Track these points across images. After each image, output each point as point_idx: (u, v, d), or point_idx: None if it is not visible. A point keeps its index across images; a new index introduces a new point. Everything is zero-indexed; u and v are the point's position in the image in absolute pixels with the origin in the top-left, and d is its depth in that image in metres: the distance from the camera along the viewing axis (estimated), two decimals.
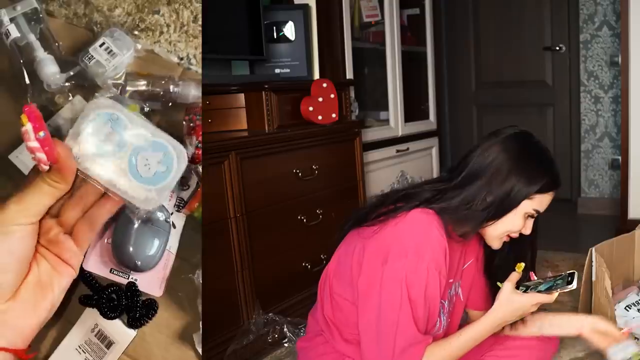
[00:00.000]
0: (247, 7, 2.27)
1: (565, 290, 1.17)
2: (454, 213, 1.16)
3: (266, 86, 2.03)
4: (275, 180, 2.00)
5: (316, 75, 2.50)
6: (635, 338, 1.72)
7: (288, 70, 2.46)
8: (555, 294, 1.18)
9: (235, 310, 1.85)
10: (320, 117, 2.18)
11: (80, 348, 1.10)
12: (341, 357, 1.27)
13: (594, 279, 1.79)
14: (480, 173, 1.17)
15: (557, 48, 3.81)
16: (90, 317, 1.10)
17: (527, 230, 1.21)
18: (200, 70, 1.21)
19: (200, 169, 1.13)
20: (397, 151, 3.01)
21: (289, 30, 2.44)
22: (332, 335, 1.28)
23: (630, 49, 2.83)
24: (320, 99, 2.17)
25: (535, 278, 1.26)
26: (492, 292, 1.35)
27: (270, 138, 1.99)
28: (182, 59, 1.22)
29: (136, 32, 1.20)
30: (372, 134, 2.80)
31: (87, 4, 1.20)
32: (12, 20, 1.10)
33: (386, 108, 3.01)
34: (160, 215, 1.09)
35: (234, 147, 1.82)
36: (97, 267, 1.09)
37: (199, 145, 1.12)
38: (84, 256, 1.00)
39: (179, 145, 1.02)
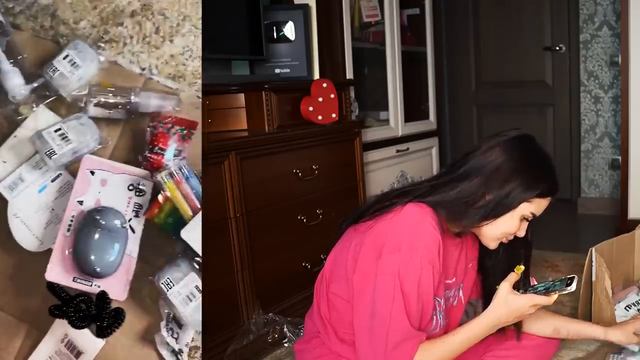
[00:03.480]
0: (247, 7, 2.27)
1: (564, 292, 1.16)
2: (449, 207, 1.16)
3: (266, 86, 2.03)
4: (275, 180, 2.00)
5: (316, 75, 2.50)
6: None
7: (288, 70, 2.46)
8: (554, 296, 1.16)
9: (235, 310, 1.85)
10: (320, 117, 2.17)
11: (50, 359, 1.14)
12: (337, 358, 1.26)
13: (594, 279, 1.79)
14: (479, 170, 1.17)
15: (557, 48, 3.81)
16: (60, 327, 1.15)
17: (521, 233, 1.21)
18: (161, 80, 1.28)
19: (160, 177, 1.20)
20: (397, 151, 3.01)
21: (289, 30, 2.44)
22: (328, 336, 1.28)
23: (630, 49, 2.83)
24: (320, 99, 2.17)
25: (537, 283, 1.25)
26: (486, 294, 1.35)
27: (270, 138, 1.99)
28: (144, 69, 1.27)
29: (100, 44, 1.25)
30: (372, 134, 2.80)
31: (54, 17, 1.24)
32: None
33: (386, 108, 3.01)
34: (117, 222, 1.18)
35: (234, 147, 1.82)
36: (60, 277, 1.15)
37: (158, 151, 1.22)
38: (47, 267, 1.08)
39: None
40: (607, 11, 3.54)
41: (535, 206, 1.18)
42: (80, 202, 1.20)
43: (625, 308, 1.79)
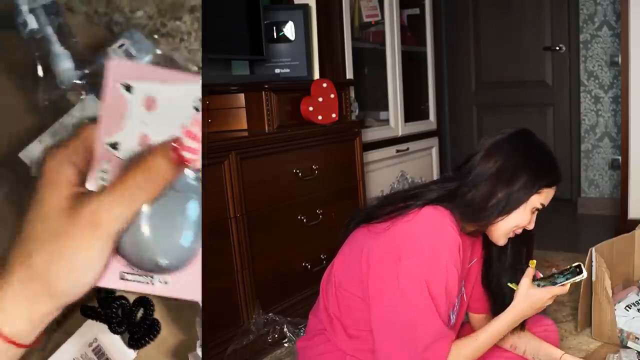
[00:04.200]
0: (247, 7, 2.27)
1: (577, 280, 1.24)
2: (466, 210, 1.19)
3: (266, 86, 2.03)
4: (275, 180, 2.00)
5: (316, 75, 2.50)
6: (636, 338, 1.72)
7: (288, 70, 2.46)
8: (567, 286, 1.24)
9: (235, 310, 1.85)
10: (320, 117, 2.18)
11: None
12: (342, 355, 1.26)
13: (594, 279, 1.79)
14: (487, 172, 1.20)
15: (557, 48, 3.81)
16: (91, 330, 1.04)
17: (532, 225, 1.25)
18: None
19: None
20: (397, 151, 3.01)
21: (289, 30, 2.44)
22: (334, 333, 1.28)
23: (630, 49, 2.83)
24: (320, 99, 2.17)
25: (541, 275, 1.29)
26: (492, 292, 1.36)
27: (270, 138, 1.99)
28: (200, 68, 1.19)
29: (156, 37, 1.17)
30: (372, 134, 2.80)
31: (109, 2, 1.17)
32: (31, 11, 1.07)
33: (386, 108, 3.01)
34: (188, 174, 0.70)
35: (234, 147, 1.82)
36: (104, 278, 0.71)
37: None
38: None
39: None
40: (607, 11, 3.54)
41: (544, 197, 1.22)
42: (114, 146, 0.69)
43: (625, 308, 1.79)
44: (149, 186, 0.66)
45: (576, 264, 1.28)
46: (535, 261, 1.27)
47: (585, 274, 1.23)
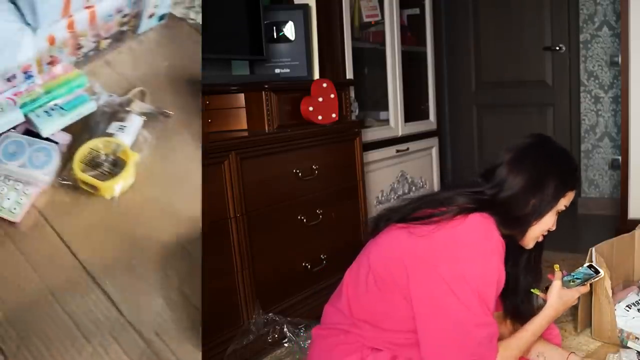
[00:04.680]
0: (247, 7, 2.27)
1: (596, 280, 1.45)
2: (505, 218, 1.26)
3: (266, 86, 2.03)
4: (275, 180, 2.00)
5: (316, 75, 2.50)
6: (636, 338, 1.72)
7: (288, 70, 2.46)
8: (588, 285, 1.43)
9: (235, 310, 1.85)
10: (320, 117, 2.17)
11: None
12: (361, 346, 1.28)
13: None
14: (520, 181, 1.28)
15: (557, 48, 3.81)
16: None
17: (554, 226, 1.36)
18: None
19: None
20: (397, 151, 3.01)
21: (289, 30, 2.44)
22: (358, 325, 1.30)
23: (630, 49, 2.83)
24: (320, 99, 2.17)
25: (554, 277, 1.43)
26: (509, 293, 1.41)
27: (270, 138, 1.99)
28: None
29: None
30: (372, 134, 2.80)
31: None
32: None
33: (386, 108, 3.01)
34: None
35: (234, 147, 1.82)
36: None
37: None
38: None
39: (54, 145, 1.42)
40: (607, 11, 3.54)
41: (568, 198, 1.33)
42: None
43: (625, 308, 1.79)
44: None
45: (587, 264, 1.46)
46: (558, 265, 1.42)
47: (602, 272, 1.43)
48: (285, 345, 1.89)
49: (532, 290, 1.43)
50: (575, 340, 1.83)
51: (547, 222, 1.32)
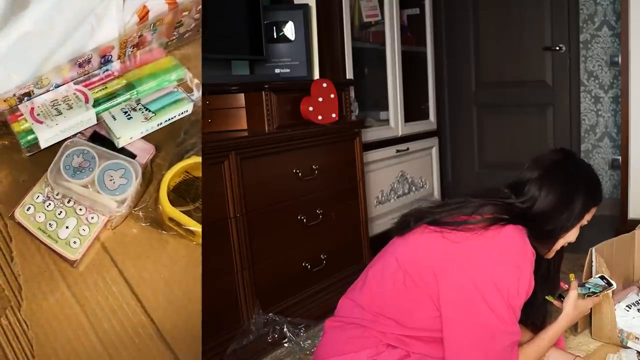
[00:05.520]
0: (247, 7, 2.27)
1: (609, 291, 1.54)
2: (537, 233, 1.32)
3: (266, 86, 2.03)
4: (275, 180, 2.00)
5: (316, 75, 2.50)
6: (636, 338, 1.72)
7: (288, 70, 2.46)
8: (601, 296, 1.52)
9: (235, 310, 1.85)
10: (320, 117, 2.17)
11: None
12: (378, 341, 1.29)
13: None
14: (553, 199, 1.33)
15: (557, 48, 3.81)
16: None
17: (575, 239, 1.42)
18: None
19: None
20: (397, 151, 3.01)
21: (289, 30, 2.44)
22: (371, 319, 1.30)
23: (630, 49, 2.83)
24: (320, 99, 2.17)
25: (566, 286, 1.49)
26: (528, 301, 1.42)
27: (270, 138, 1.99)
28: None
29: None
30: (372, 134, 2.80)
31: None
32: None
33: (386, 108, 3.01)
34: None
35: (234, 147, 1.82)
36: None
37: None
38: None
39: (135, 163, 1.02)
40: (607, 11, 3.54)
41: (591, 213, 1.40)
42: None
43: (625, 308, 1.79)
44: None
45: (599, 275, 1.56)
46: (574, 275, 1.50)
47: (615, 285, 1.51)
48: (285, 345, 1.89)
49: (546, 297, 1.49)
50: (575, 340, 1.83)
51: (571, 236, 1.39)
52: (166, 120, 1.13)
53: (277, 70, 2.46)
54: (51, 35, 1.00)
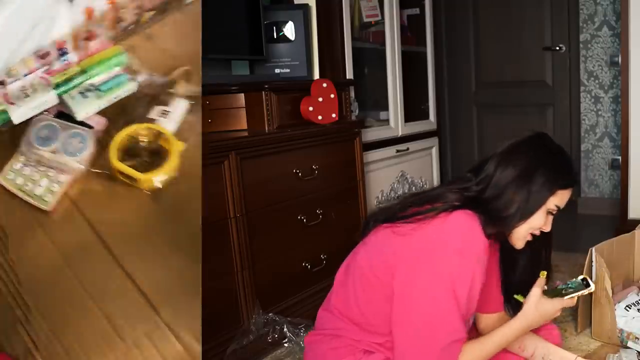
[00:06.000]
0: (247, 7, 2.27)
1: (585, 293, 1.28)
2: (490, 216, 1.20)
3: (266, 86, 2.03)
4: (275, 180, 2.00)
5: (316, 75, 2.50)
6: (636, 338, 1.72)
7: (288, 70, 2.46)
8: (575, 299, 1.28)
9: (235, 310, 1.85)
10: (320, 117, 2.18)
11: None
12: (354, 349, 1.27)
13: (594, 279, 1.79)
14: (507, 176, 1.22)
15: (557, 48, 3.81)
16: None
17: (548, 227, 1.27)
18: None
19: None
20: (397, 151, 3.01)
21: (289, 30, 2.44)
22: (349, 328, 1.28)
23: (630, 49, 2.83)
24: (320, 99, 2.17)
25: (546, 287, 1.30)
26: (512, 294, 1.37)
27: (270, 138, 1.99)
28: None
29: None
30: (372, 134, 2.80)
31: None
32: None
33: (386, 108, 3.01)
34: None
35: (234, 147, 1.82)
36: None
37: None
38: None
39: (90, 131, 1.34)
40: (607, 11, 3.54)
41: (559, 198, 1.24)
42: None
43: (625, 308, 1.79)
44: None
45: (582, 277, 1.31)
46: (545, 272, 1.30)
47: (593, 287, 1.28)
48: (285, 345, 1.89)
49: (515, 296, 1.33)
50: (575, 340, 1.83)
51: (535, 222, 1.24)
52: (114, 98, 1.41)
53: (277, 70, 2.46)
54: (15, 34, 1.30)
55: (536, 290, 1.26)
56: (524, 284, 1.33)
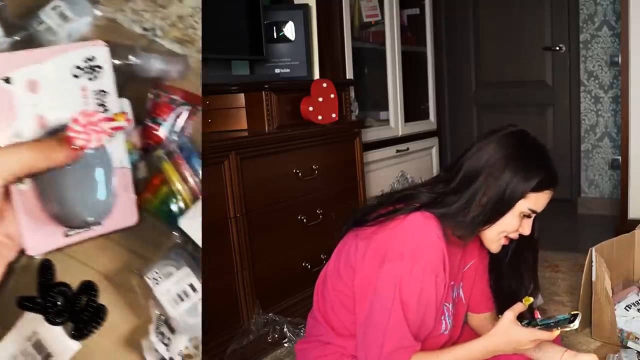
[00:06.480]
0: (247, 7, 2.27)
1: (566, 330, 1.15)
2: (453, 218, 1.14)
3: (266, 86, 2.03)
4: (275, 180, 2.00)
5: (316, 75, 2.50)
6: (636, 338, 1.72)
7: (288, 70, 2.46)
8: (556, 332, 1.15)
9: (235, 310, 1.85)
10: (320, 117, 2.18)
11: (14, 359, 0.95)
12: (340, 356, 1.26)
13: (594, 279, 1.79)
14: (476, 174, 1.14)
15: (557, 48, 3.81)
16: (28, 323, 0.95)
17: (526, 231, 1.18)
18: (165, 44, 1.09)
19: (157, 155, 1.02)
20: (397, 151, 3.01)
21: (289, 30, 2.44)
22: (330, 334, 1.28)
23: (630, 49, 2.83)
24: (320, 99, 2.17)
25: (539, 317, 1.23)
26: (500, 295, 1.35)
27: (270, 138, 1.99)
28: (147, 30, 1.08)
29: None
30: (372, 134, 2.80)
31: None
32: None
33: (386, 108, 3.01)
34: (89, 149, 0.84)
35: (234, 147, 1.82)
36: (46, 240, 0.86)
37: (159, 121, 1.03)
38: (25, 238, 0.82)
39: None
40: (607, 11, 3.54)
41: (533, 202, 1.14)
42: (19, 136, 0.83)
43: (625, 308, 1.79)
44: (38, 159, 0.77)
45: (575, 312, 1.19)
46: (531, 299, 1.21)
47: (577, 325, 1.14)
48: (285, 345, 1.89)
49: (524, 299, 1.22)
50: (576, 340, 1.83)
51: (504, 225, 1.15)
52: None
53: (277, 70, 2.46)
54: None
55: (508, 314, 1.15)
56: (512, 288, 1.30)
